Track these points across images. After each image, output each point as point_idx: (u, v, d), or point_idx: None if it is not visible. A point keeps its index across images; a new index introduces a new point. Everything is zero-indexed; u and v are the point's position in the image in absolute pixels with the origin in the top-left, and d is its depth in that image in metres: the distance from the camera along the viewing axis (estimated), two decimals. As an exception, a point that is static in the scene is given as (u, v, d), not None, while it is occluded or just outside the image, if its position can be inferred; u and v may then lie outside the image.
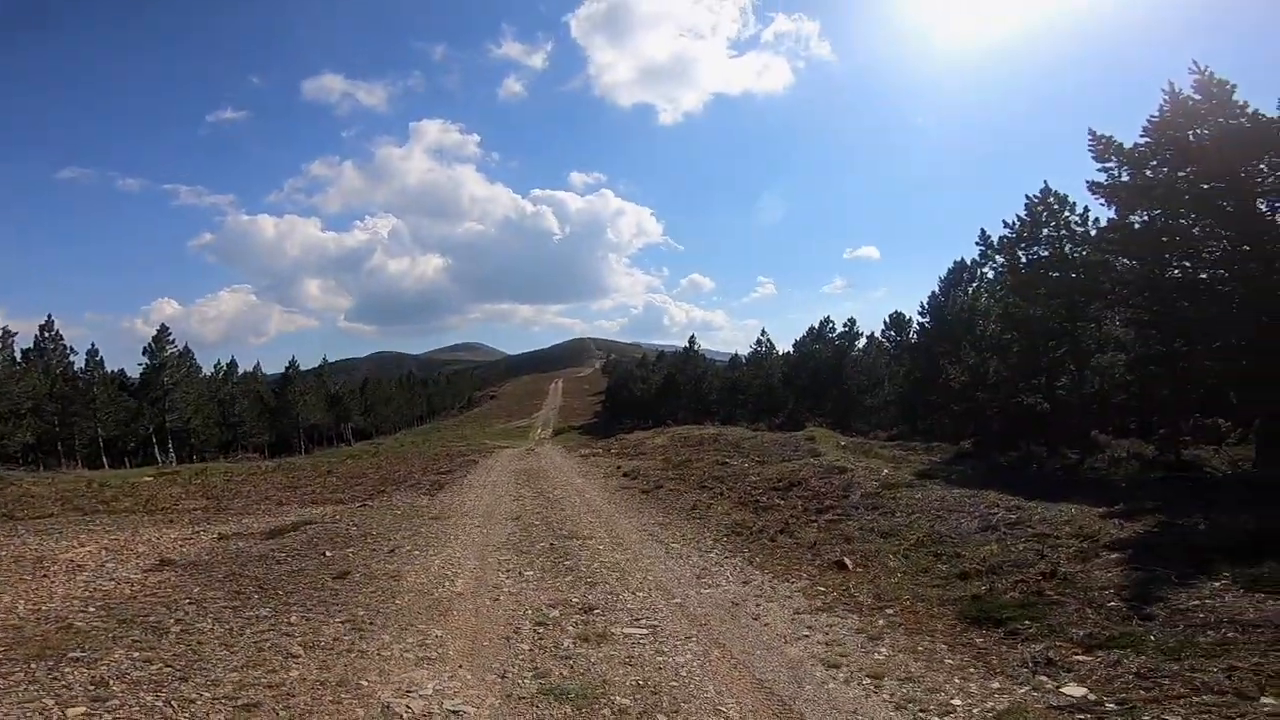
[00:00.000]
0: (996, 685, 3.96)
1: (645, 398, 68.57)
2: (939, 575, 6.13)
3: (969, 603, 5.27)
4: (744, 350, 69.06)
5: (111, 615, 5.39)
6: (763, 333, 63.18)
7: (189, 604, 5.84)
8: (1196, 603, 4.55)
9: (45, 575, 6.89)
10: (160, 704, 3.76)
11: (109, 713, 3.66)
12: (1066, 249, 22.66)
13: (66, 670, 4.17)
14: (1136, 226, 17.57)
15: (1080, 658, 4.13)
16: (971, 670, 4.19)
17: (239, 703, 3.81)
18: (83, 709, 3.67)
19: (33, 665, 4.21)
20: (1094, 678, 3.88)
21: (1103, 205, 18.81)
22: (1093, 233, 21.67)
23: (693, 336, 69.55)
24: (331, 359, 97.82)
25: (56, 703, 3.72)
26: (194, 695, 3.90)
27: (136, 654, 4.47)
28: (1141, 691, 3.59)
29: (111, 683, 4.02)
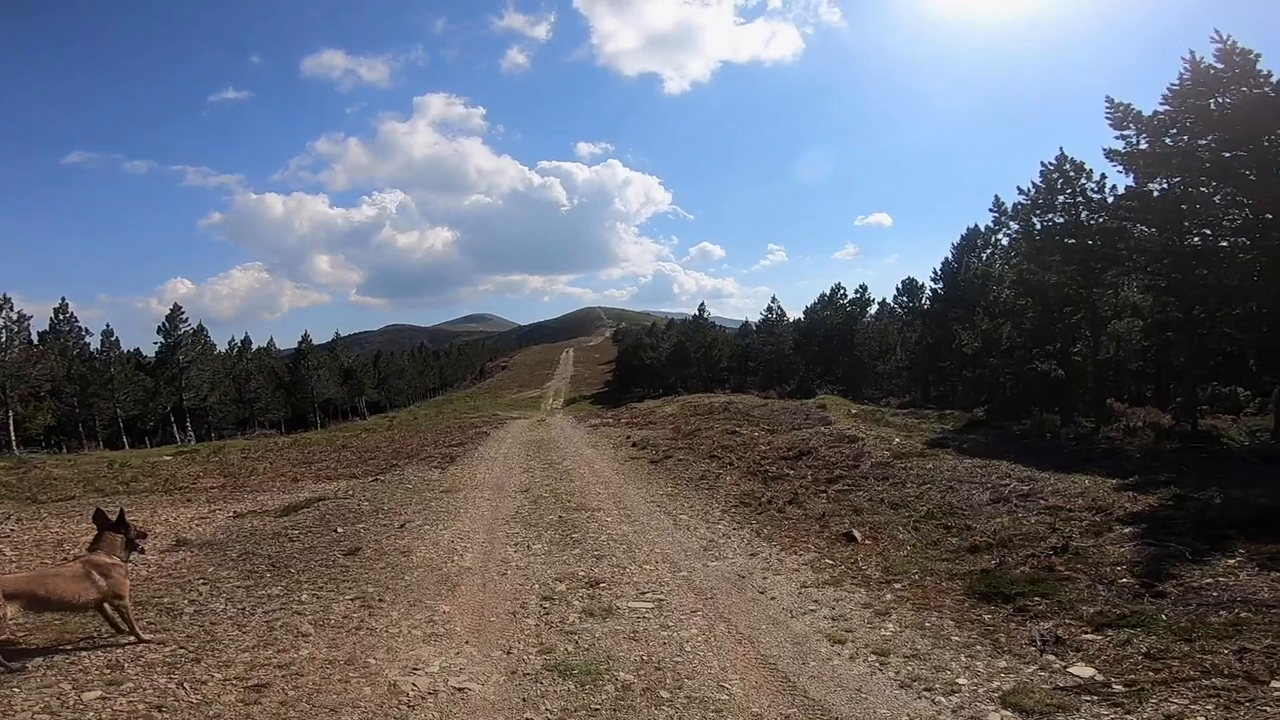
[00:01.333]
0: (1003, 664, 3.93)
1: (655, 366, 68.61)
2: (949, 548, 6.09)
3: (978, 578, 5.22)
4: (755, 317, 68.71)
5: (129, 597, 5.47)
6: (773, 300, 62.60)
7: (203, 584, 5.92)
8: (1210, 581, 4.48)
9: (66, 559, 7.00)
10: (173, 686, 3.81)
11: (123, 696, 3.71)
12: (1083, 216, 22.33)
13: (83, 654, 4.23)
14: (1155, 194, 17.37)
15: (1089, 636, 4.09)
16: (979, 648, 4.16)
17: (249, 683, 3.86)
18: (98, 692, 3.72)
19: (49, 652, 4.28)
20: (1102, 658, 3.84)
21: (1120, 172, 18.80)
22: (1110, 200, 21.36)
23: (702, 304, 69.36)
24: (344, 333, 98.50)
25: (73, 687, 3.78)
26: (206, 676, 3.95)
27: (150, 636, 4.52)
28: (1150, 673, 3.55)
29: (126, 666, 4.08)
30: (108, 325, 47.79)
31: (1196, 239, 16.80)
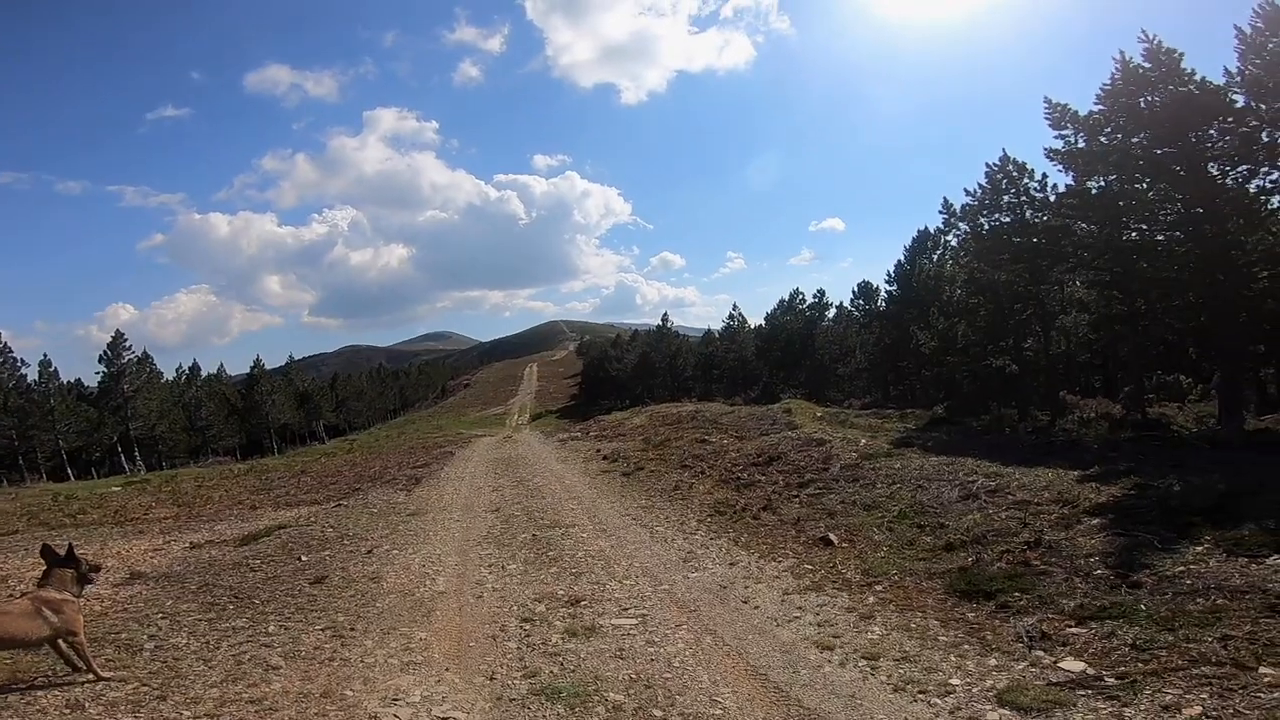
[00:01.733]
0: (994, 662, 3.96)
1: (621, 378, 68.52)
2: (924, 548, 6.14)
3: (957, 575, 5.27)
4: (717, 325, 69.22)
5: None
6: (734, 307, 63.41)
7: (162, 618, 5.61)
8: (1182, 569, 4.58)
9: (11, 595, 6.57)
10: (138, 728, 3.58)
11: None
12: (1027, 214, 23.12)
13: (39, 694, 3.96)
14: (1094, 191, 18.02)
15: (1074, 630, 4.14)
16: (967, 647, 4.18)
17: (221, 719, 3.65)
18: (55, 737, 3.47)
19: (4, 694, 3.98)
20: (1090, 651, 3.88)
21: (1060, 171, 19.40)
22: (1052, 198, 22.11)
23: (665, 314, 69.56)
24: (298, 356, 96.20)
25: (28, 731, 3.52)
26: (174, 714, 3.73)
27: (109, 674, 4.25)
28: (1139, 664, 3.60)
29: (87, 705, 3.83)
30: (45, 355, 45.79)
31: (1134, 233, 17.47)
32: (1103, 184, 17.79)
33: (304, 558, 7.76)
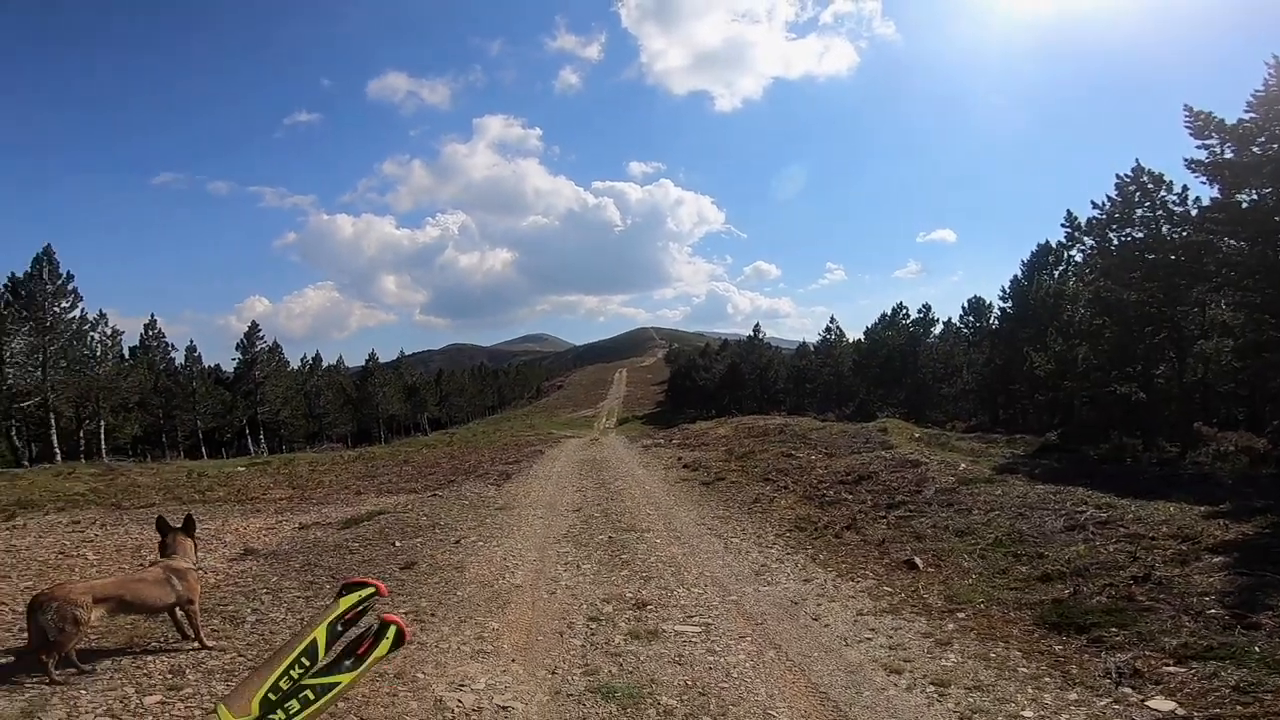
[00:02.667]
0: (1074, 696, 3.66)
1: (708, 387, 68.15)
2: (1018, 577, 5.74)
3: (1049, 607, 4.90)
4: (812, 338, 67.64)
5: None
6: (831, 320, 61.64)
7: (266, 593, 6.12)
8: None
9: (141, 564, 7.37)
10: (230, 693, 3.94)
11: (181, 701, 3.84)
12: (1164, 230, 21.24)
13: (149, 659, 4.41)
14: (1244, 205, 16.32)
15: (1171, 669, 3.77)
16: (1047, 679, 3.88)
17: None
18: (159, 697, 3.87)
19: (118, 654, 4.48)
20: (1185, 691, 3.54)
21: (1204, 184, 17.97)
22: (1193, 212, 20.20)
23: (757, 324, 68.75)
24: (408, 352, 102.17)
25: (136, 690, 3.94)
26: (263, 685, 4.06)
27: (213, 643, 4.69)
28: (1238, 707, 3.24)
29: (188, 671, 4.23)
30: (191, 341, 51.12)
31: None
32: (1255, 197, 16.12)
33: (397, 543, 8.23)
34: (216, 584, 6.45)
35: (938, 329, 52.12)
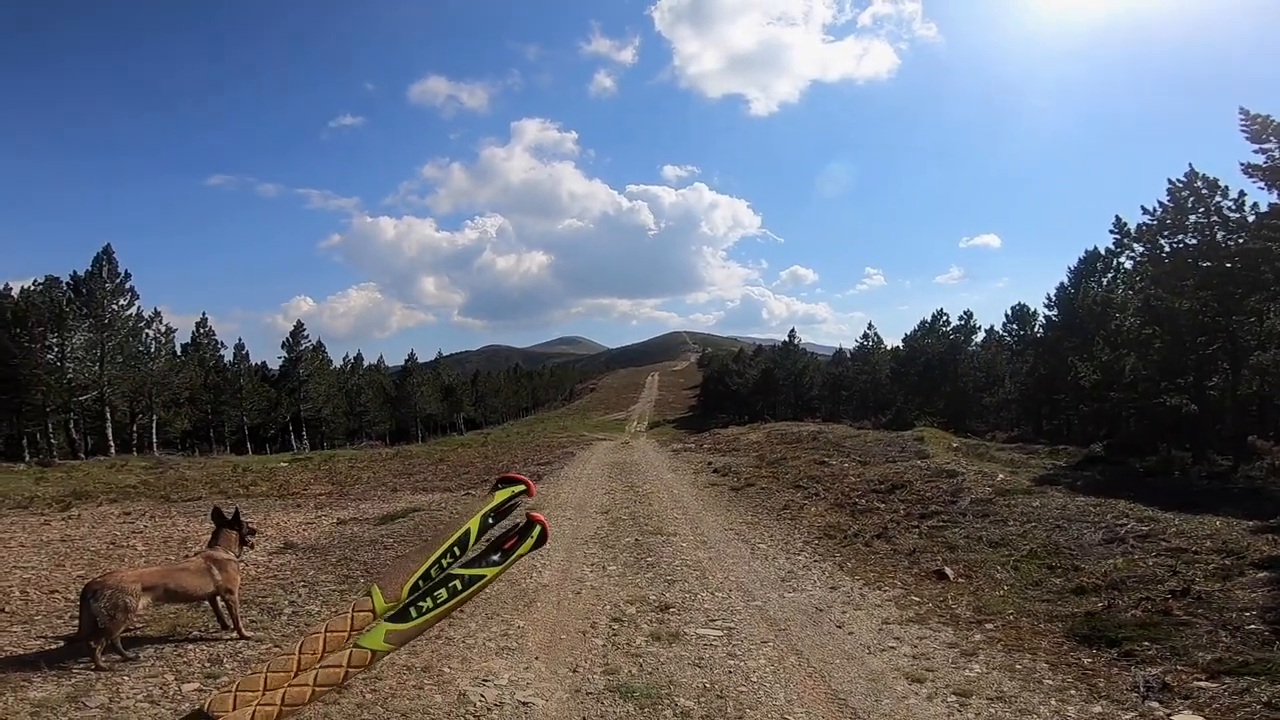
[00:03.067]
0: (1098, 710, 3.58)
1: (741, 392, 67.74)
2: (1051, 589, 5.62)
3: (1081, 620, 4.78)
4: (849, 344, 66.63)
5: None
6: (869, 326, 60.56)
7: (303, 586, 6.32)
8: None
9: (187, 554, 7.68)
10: (264, 681, 4.09)
11: (218, 689, 3.99)
12: (1219, 236, 20.37)
13: (189, 647, 4.60)
14: None
15: (1202, 684, 3.67)
16: (1072, 692, 3.80)
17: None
18: (196, 684, 4.03)
19: (161, 643, 4.68)
20: (1214, 705, 3.44)
21: (1261, 189, 17.31)
22: (1250, 219, 19.36)
23: (793, 330, 67.99)
24: (446, 353, 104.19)
25: (175, 677, 4.11)
26: (294, 674, 4.20)
27: (251, 633, 4.87)
28: (1265, 722, 3.13)
29: (225, 660, 4.41)
30: (240, 339, 52.76)
31: None
32: None
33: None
34: (256, 576, 6.68)
35: (979, 336, 50.94)
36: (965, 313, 51.06)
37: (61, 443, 35.98)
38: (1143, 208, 22.62)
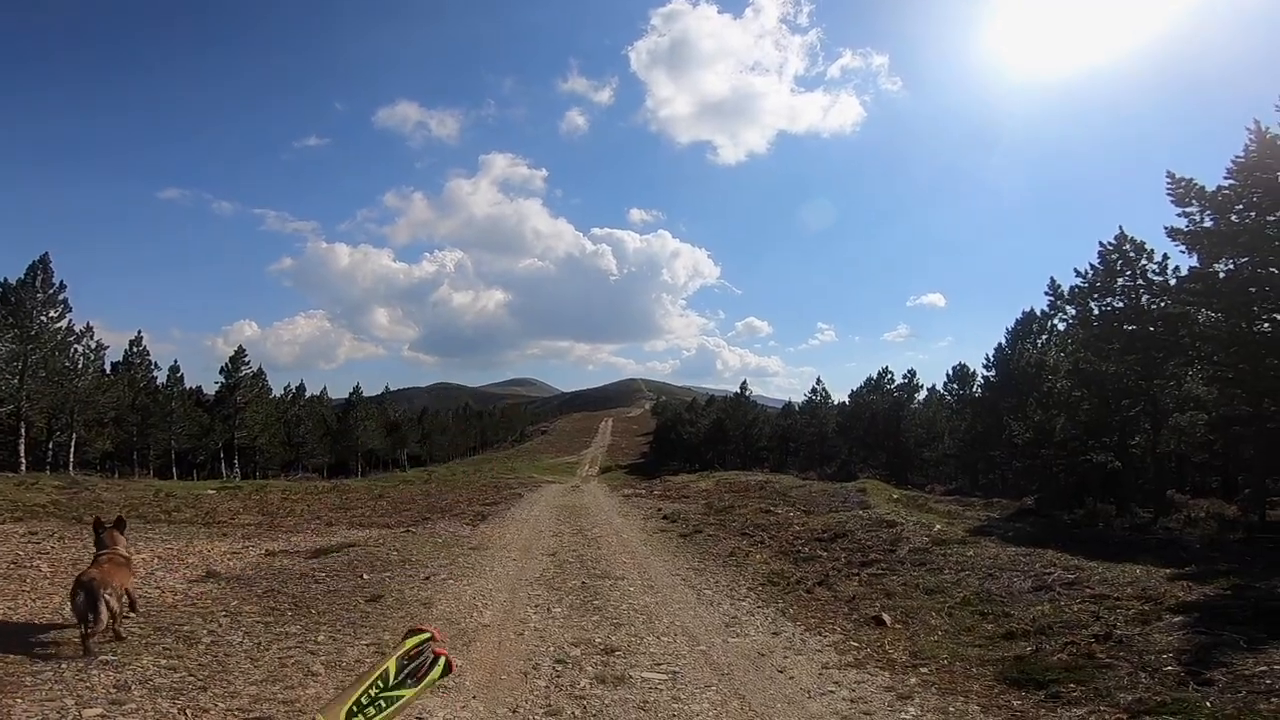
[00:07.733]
0: (1028, 754, 3.68)
1: (693, 441, 68.10)
2: (983, 635, 5.80)
3: (1011, 664, 4.97)
4: (798, 398, 67.99)
5: (149, 622, 5.56)
6: (818, 381, 62.11)
7: (224, 616, 6.00)
8: (1264, 669, 4.21)
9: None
10: (175, 711, 3.84)
11: (124, 716, 3.75)
12: (1144, 300, 21.43)
13: (94, 672, 4.31)
14: (1221, 275, 16.31)
15: (1122, 726, 3.81)
16: (1003, 736, 3.91)
17: (250, 716, 3.87)
18: (99, 710, 3.77)
19: (63, 665, 4.37)
20: (1136, 747, 3.57)
21: (1183, 253, 17.64)
22: (1172, 282, 20.36)
23: (744, 382, 69.09)
24: (394, 387, 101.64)
25: (76, 703, 3.84)
26: (209, 705, 3.97)
27: (164, 661, 4.60)
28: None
29: (133, 687, 4.14)
30: (175, 361, 50.22)
31: (1266, 324, 15.69)
32: (1231, 267, 16.04)
33: (365, 576, 8.10)
34: (173, 604, 6.31)
35: (922, 395, 52.75)
36: (909, 371, 53.07)
37: (-34, 455, 33.46)
38: (1075, 270, 23.47)
